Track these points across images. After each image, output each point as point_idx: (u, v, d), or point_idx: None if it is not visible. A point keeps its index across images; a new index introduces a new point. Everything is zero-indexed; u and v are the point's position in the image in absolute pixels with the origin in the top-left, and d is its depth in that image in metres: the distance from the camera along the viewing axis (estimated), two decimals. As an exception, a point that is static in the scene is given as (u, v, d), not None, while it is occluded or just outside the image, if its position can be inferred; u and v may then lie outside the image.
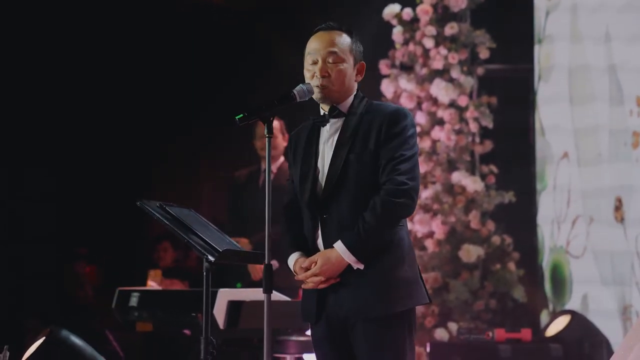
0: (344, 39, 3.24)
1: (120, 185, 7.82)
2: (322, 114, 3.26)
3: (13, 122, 7.55)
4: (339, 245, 3.10)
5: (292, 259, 3.22)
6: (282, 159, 5.84)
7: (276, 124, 5.70)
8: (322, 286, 3.14)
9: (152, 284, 5.51)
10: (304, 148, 3.28)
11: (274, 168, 5.82)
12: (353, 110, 3.23)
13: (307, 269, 3.15)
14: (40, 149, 7.66)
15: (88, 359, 4.36)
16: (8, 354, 3.52)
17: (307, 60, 3.23)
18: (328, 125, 3.25)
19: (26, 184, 7.68)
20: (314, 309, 3.19)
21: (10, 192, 7.65)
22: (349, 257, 3.09)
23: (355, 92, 3.28)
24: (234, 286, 5.44)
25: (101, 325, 6.85)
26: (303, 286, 3.22)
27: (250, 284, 5.52)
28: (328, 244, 3.15)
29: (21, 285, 7.49)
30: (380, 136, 3.14)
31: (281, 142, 5.81)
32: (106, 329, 6.75)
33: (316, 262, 3.13)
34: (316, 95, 3.22)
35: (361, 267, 3.10)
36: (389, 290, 3.09)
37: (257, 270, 5.58)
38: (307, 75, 3.24)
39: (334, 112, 3.24)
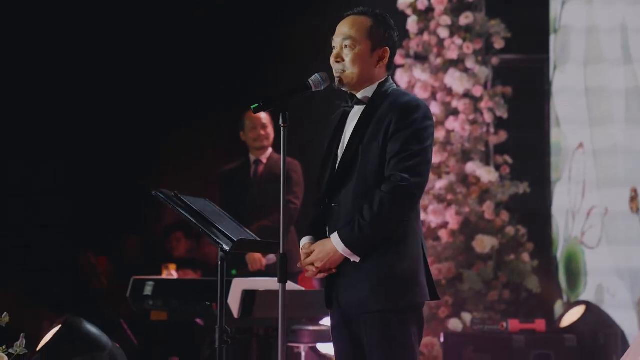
0: (362, 22, 3.17)
1: (134, 174, 7.83)
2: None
3: (28, 115, 7.57)
4: (334, 237, 3.08)
5: (301, 244, 3.22)
6: (270, 149, 5.82)
7: (264, 115, 5.67)
8: (319, 276, 3.13)
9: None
10: (332, 134, 3.25)
11: (263, 159, 5.80)
12: (374, 100, 3.16)
13: (308, 255, 3.14)
14: (54, 140, 7.68)
15: (103, 347, 4.38)
16: (24, 342, 3.55)
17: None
18: (352, 113, 3.21)
19: (42, 175, 7.71)
20: (325, 295, 3.20)
21: (25, 182, 7.68)
22: (343, 250, 3.06)
23: (381, 80, 3.19)
24: (230, 275, 5.44)
25: (116, 314, 6.88)
26: (305, 274, 3.22)
27: (247, 274, 5.51)
28: (330, 233, 3.13)
29: (37, 274, 7.52)
30: (389, 128, 3.08)
31: (270, 132, 5.79)
32: (121, 317, 6.78)
33: (314, 251, 3.13)
34: (335, 82, 3.19)
35: (357, 259, 3.07)
36: (385, 286, 3.05)
37: (254, 261, 5.57)
38: (331, 63, 3.21)
39: (354, 100, 3.20)
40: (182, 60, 7.87)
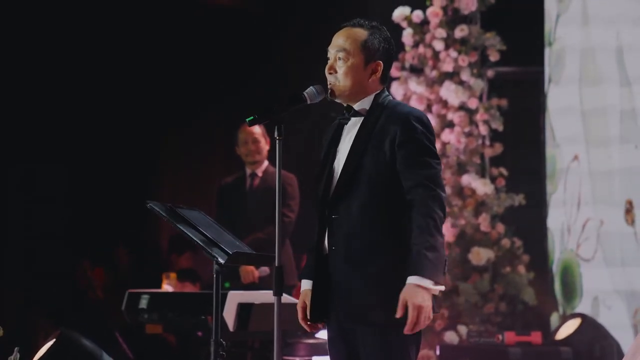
0: (357, 35, 3.16)
1: (134, 184, 7.83)
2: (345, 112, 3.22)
3: (27, 122, 7.57)
4: (422, 281, 2.93)
5: (302, 287, 3.19)
6: (266, 162, 5.84)
7: (258, 129, 5.71)
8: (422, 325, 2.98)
9: (167, 288, 5.51)
10: (327, 147, 3.23)
11: (259, 172, 5.83)
12: (372, 111, 3.16)
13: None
14: (54, 148, 7.67)
15: (98, 361, 4.37)
16: (19, 355, 3.54)
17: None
18: (349, 125, 3.20)
19: (41, 183, 7.70)
20: (315, 307, 3.16)
21: (24, 190, 7.68)
22: (428, 285, 2.95)
23: (377, 92, 3.18)
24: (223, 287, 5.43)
25: (111, 327, 6.86)
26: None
27: (240, 287, 5.51)
28: (333, 245, 3.11)
29: (33, 286, 7.51)
30: (394, 139, 3.07)
31: (264, 146, 5.81)
32: (116, 330, 6.76)
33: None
34: (328, 94, 3.19)
35: (440, 288, 2.99)
36: (387, 298, 3.01)
37: (247, 273, 5.57)
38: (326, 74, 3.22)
39: (350, 112, 3.19)
40: (181, 68, 7.88)
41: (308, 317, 3.17)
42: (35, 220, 7.61)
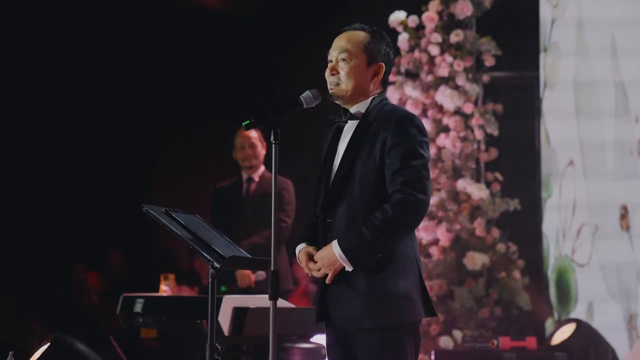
0: (359, 37, 3.19)
1: (130, 188, 7.82)
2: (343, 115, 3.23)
3: (21, 125, 7.56)
4: (334, 245, 3.07)
5: (298, 249, 3.22)
6: (263, 167, 5.84)
7: (255, 133, 5.71)
8: (318, 275, 3.12)
9: (165, 289, 5.51)
10: (326, 150, 3.25)
11: (255, 177, 5.82)
12: (367, 115, 3.17)
13: (309, 254, 3.14)
14: (47, 152, 7.66)
15: (92, 365, 4.35)
16: (13, 359, 3.53)
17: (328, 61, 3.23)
18: (346, 128, 3.21)
19: (34, 187, 7.69)
20: (318, 310, 3.20)
21: (17, 195, 7.66)
22: (342, 258, 3.05)
23: (374, 96, 3.21)
24: (219, 291, 5.43)
25: (106, 331, 6.85)
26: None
27: (236, 291, 5.50)
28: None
29: (27, 290, 7.49)
30: (384, 144, 3.09)
31: (261, 150, 5.81)
32: (111, 334, 6.75)
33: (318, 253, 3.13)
34: (329, 95, 3.20)
35: (350, 268, 3.07)
36: (379, 303, 3.05)
37: (243, 277, 5.57)
38: (326, 76, 3.23)
39: (347, 115, 3.21)
40: (179, 73, 7.88)
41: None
42: (30, 225, 7.59)
